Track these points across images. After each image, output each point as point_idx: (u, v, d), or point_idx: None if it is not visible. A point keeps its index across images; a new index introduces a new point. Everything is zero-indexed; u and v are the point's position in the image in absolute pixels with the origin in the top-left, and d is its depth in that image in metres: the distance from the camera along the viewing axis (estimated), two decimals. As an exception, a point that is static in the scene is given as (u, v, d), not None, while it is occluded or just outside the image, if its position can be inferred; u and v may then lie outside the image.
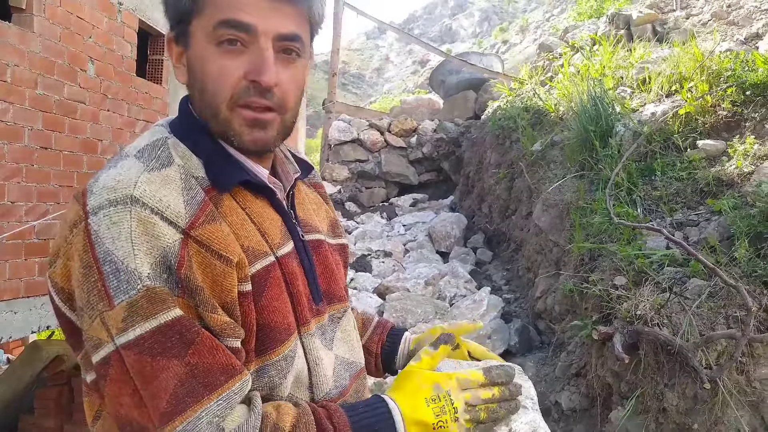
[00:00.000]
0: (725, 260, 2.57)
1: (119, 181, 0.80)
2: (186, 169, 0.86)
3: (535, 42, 14.87)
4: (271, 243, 0.91)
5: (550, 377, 3.18)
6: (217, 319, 0.80)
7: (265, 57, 0.85)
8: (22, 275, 3.85)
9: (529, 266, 4.31)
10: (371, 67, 32.36)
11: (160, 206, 0.79)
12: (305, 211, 1.05)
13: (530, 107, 5.55)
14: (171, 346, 0.76)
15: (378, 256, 5.15)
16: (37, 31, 3.85)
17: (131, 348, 0.76)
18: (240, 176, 0.89)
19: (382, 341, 1.24)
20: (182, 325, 0.77)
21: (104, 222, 0.77)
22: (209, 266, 0.80)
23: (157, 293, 0.76)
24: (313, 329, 0.95)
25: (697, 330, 2.37)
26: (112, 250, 0.76)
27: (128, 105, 4.85)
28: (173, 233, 0.78)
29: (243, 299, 0.83)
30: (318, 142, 8.51)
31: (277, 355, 0.88)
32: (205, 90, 0.87)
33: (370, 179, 7.26)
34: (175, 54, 0.91)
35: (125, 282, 0.76)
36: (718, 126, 3.52)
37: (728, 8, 5.25)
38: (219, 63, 0.85)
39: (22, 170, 3.79)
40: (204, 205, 0.83)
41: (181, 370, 0.76)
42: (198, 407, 0.76)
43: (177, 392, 0.75)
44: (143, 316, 0.76)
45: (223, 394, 0.78)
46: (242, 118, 0.87)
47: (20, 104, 3.72)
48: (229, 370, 0.79)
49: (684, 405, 2.35)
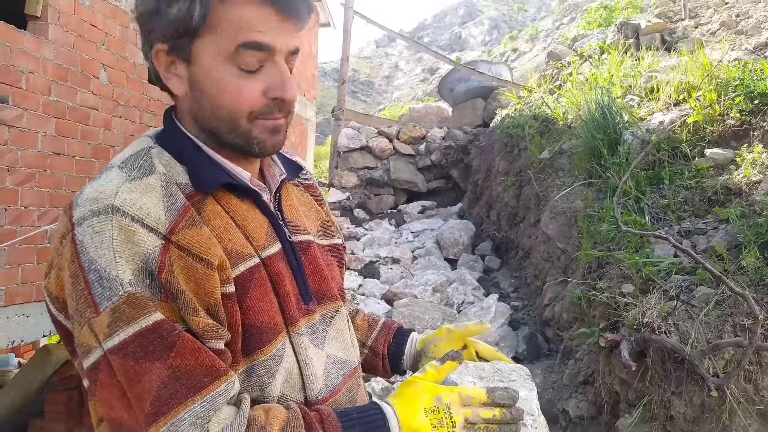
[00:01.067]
0: (732, 269, 2.57)
1: (101, 192, 0.83)
2: (168, 176, 0.89)
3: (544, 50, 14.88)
4: (255, 245, 0.93)
5: (558, 385, 3.18)
6: (199, 322, 0.81)
7: (286, 75, 0.90)
8: (34, 279, 3.89)
9: (537, 274, 4.32)
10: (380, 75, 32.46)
11: (140, 214, 0.81)
12: (293, 212, 1.07)
13: (539, 115, 5.56)
14: (153, 350, 0.78)
15: (386, 262, 5.17)
16: (52, 39, 3.92)
17: (116, 352, 0.78)
18: (221, 178, 0.92)
19: (388, 342, 1.25)
20: (163, 328, 0.79)
21: (88, 232, 0.80)
22: (191, 270, 0.82)
23: (138, 298, 0.79)
24: (302, 329, 0.96)
25: (705, 338, 2.37)
26: (95, 258, 0.79)
27: (140, 112, 4.90)
28: (154, 239, 0.81)
29: (227, 301, 0.85)
30: (327, 149, 8.55)
31: (264, 355, 0.89)
32: (221, 106, 0.89)
33: (379, 186, 7.28)
34: (165, 64, 0.92)
35: (108, 289, 0.78)
36: (726, 135, 3.52)
37: (737, 18, 5.25)
38: (238, 83, 0.88)
39: (36, 176, 3.84)
40: (184, 211, 0.86)
41: (164, 372, 0.78)
42: (181, 408, 0.77)
43: (160, 394, 0.77)
44: (125, 321, 0.78)
45: (207, 395, 0.79)
46: (263, 127, 0.91)
47: (34, 110, 3.78)
48: (213, 372, 0.80)
49: (691, 413, 2.35)
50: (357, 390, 1.07)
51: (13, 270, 3.71)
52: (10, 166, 3.62)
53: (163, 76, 0.92)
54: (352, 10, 7.90)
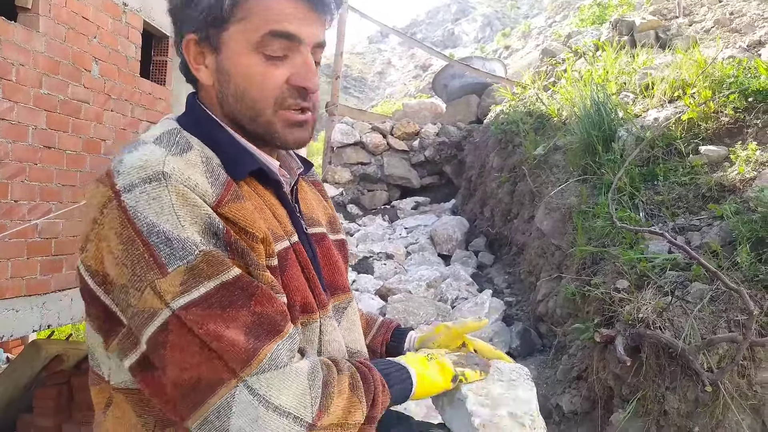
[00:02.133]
0: (727, 264, 2.57)
1: (147, 161, 0.82)
2: (205, 154, 0.90)
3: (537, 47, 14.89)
4: (284, 229, 0.95)
5: (552, 380, 3.18)
6: (267, 277, 0.85)
7: (310, 64, 0.92)
8: (24, 274, 3.85)
9: (531, 269, 4.32)
10: (373, 70, 32.41)
11: (189, 183, 0.82)
12: (307, 205, 1.09)
13: (533, 112, 5.56)
14: (236, 299, 0.80)
15: (380, 258, 5.16)
16: (43, 31, 3.87)
17: (197, 305, 0.79)
18: (253, 164, 0.93)
19: (386, 340, 1.25)
20: (243, 281, 0.82)
21: (142, 198, 0.79)
22: None
23: (215, 256, 0.80)
24: (330, 312, 1.00)
25: (699, 333, 2.37)
26: (156, 222, 0.79)
27: (132, 106, 4.86)
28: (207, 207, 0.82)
29: (272, 273, 0.88)
30: (320, 144, 8.52)
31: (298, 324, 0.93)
32: (247, 95, 0.91)
33: (373, 182, 7.27)
34: (194, 54, 0.93)
35: (180, 249, 0.79)
36: (721, 132, 3.53)
37: (731, 16, 5.26)
38: (264, 70, 0.90)
39: (26, 169, 3.80)
40: (228, 185, 0.87)
41: (249, 318, 0.80)
42: (274, 342, 0.81)
43: (253, 332, 0.80)
44: (206, 277, 0.79)
45: (287, 334, 0.83)
46: (285, 120, 0.93)
47: (25, 103, 3.74)
48: (286, 317, 0.85)
49: (685, 408, 2.35)
50: None
51: (2, 264, 3.67)
52: (0, 160, 3.58)
53: (192, 66, 0.94)
54: (347, 5, 7.86)
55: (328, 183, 7.04)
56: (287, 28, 0.89)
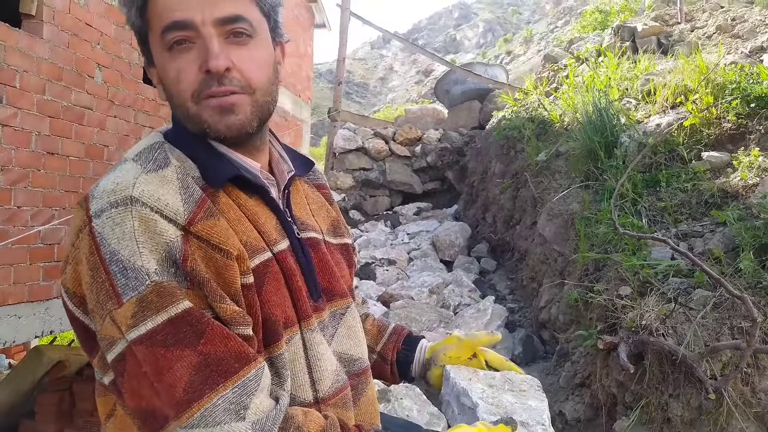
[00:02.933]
0: (730, 271, 2.57)
1: (118, 184, 0.83)
2: (183, 169, 0.89)
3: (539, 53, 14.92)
4: (267, 239, 0.93)
5: (554, 387, 3.17)
6: (227, 309, 0.82)
7: (209, 45, 0.87)
8: (27, 280, 3.86)
9: (534, 276, 4.31)
10: (375, 76, 32.46)
11: (158, 205, 0.81)
12: (302, 209, 1.07)
13: (535, 117, 5.56)
14: (183, 337, 0.78)
15: (382, 264, 5.15)
16: (46, 38, 3.88)
17: (144, 341, 0.78)
18: (231, 171, 0.92)
19: (397, 348, 1.23)
20: (193, 316, 0.79)
21: (107, 224, 0.80)
22: (211, 260, 0.82)
23: (165, 287, 0.79)
24: (314, 324, 0.96)
25: (702, 340, 2.37)
26: (117, 249, 0.79)
27: (135, 112, 4.87)
28: (174, 230, 0.81)
29: (247, 291, 0.86)
30: (322, 150, 8.53)
31: (280, 348, 0.89)
32: (171, 94, 0.91)
33: (375, 188, 7.27)
34: (154, 76, 0.95)
35: (133, 279, 0.78)
36: (723, 138, 3.53)
37: (733, 21, 5.27)
38: (174, 65, 0.89)
39: (29, 175, 3.81)
40: (202, 202, 0.86)
41: (195, 359, 0.78)
42: (214, 394, 0.77)
43: (192, 380, 0.77)
44: (154, 310, 0.78)
45: (239, 381, 0.79)
46: (209, 107, 0.89)
47: (28, 110, 3.75)
48: (243, 358, 0.81)
49: (689, 415, 2.34)
50: (365, 388, 1.06)
51: (5, 270, 3.68)
52: (4, 166, 3.59)
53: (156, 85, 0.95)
54: (349, 11, 7.89)
55: (330, 189, 7.04)
56: (177, 16, 0.86)
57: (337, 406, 0.96)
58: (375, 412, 1.07)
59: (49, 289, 4.00)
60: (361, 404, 1.04)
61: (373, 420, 1.05)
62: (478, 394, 1.04)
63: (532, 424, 0.99)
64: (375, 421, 1.06)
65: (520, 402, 1.05)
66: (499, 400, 1.04)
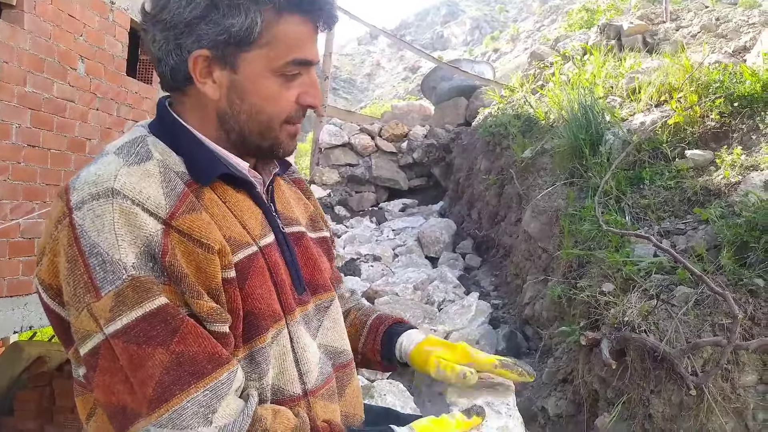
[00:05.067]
0: (712, 268, 2.59)
1: (100, 176, 0.82)
2: (165, 164, 0.88)
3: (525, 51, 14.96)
4: (252, 234, 0.94)
5: (537, 383, 3.18)
6: (203, 305, 0.81)
7: (317, 84, 0.97)
8: (6, 274, 3.80)
9: (518, 272, 4.33)
10: (362, 72, 32.42)
11: (140, 197, 0.81)
12: (284, 204, 1.08)
13: (521, 114, 5.57)
14: (156, 335, 0.78)
15: (367, 260, 5.14)
16: (28, 28, 3.82)
17: (119, 336, 0.77)
18: (220, 169, 0.93)
19: (377, 349, 1.19)
20: (167, 312, 0.79)
21: (88, 216, 0.79)
22: (192, 254, 0.82)
23: (142, 282, 0.78)
24: (297, 317, 0.97)
25: (684, 337, 2.39)
26: (97, 242, 0.78)
27: (118, 105, 4.82)
28: (155, 223, 0.81)
29: (228, 285, 0.86)
30: (308, 146, 8.50)
31: (263, 342, 0.89)
32: (263, 113, 0.93)
33: (360, 183, 7.25)
34: (201, 69, 0.91)
35: (111, 272, 0.78)
36: (706, 136, 3.56)
37: (717, 21, 5.31)
38: (280, 91, 0.93)
39: (9, 168, 3.75)
40: (184, 196, 0.86)
41: (167, 358, 0.77)
42: (184, 396, 0.77)
43: (163, 380, 0.77)
44: (129, 305, 0.77)
45: (210, 383, 0.79)
46: (287, 133, 0.97)
47: (8, 101, 3.69)
48: (216, 359, 0.80)
49: (670, 411, 2.36)
50: (349, 380, 1.07)
51: (-16, 264, 3.62)
52: (-17, 158, 3.54)
53: (198, 80, 0.91)
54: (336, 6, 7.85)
55: (316, 184, 7.02)
56: (307, 56, 0.93)
57: (324, 398, 0.97)
58: (359, 403, 1.09)
59: (29, 284, 3.95)
60: (347, 395, 1.05)
61: (357, 410, 1.07)
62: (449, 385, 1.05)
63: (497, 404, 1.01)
64: (359, 411, 1.08)
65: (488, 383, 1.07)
66: None
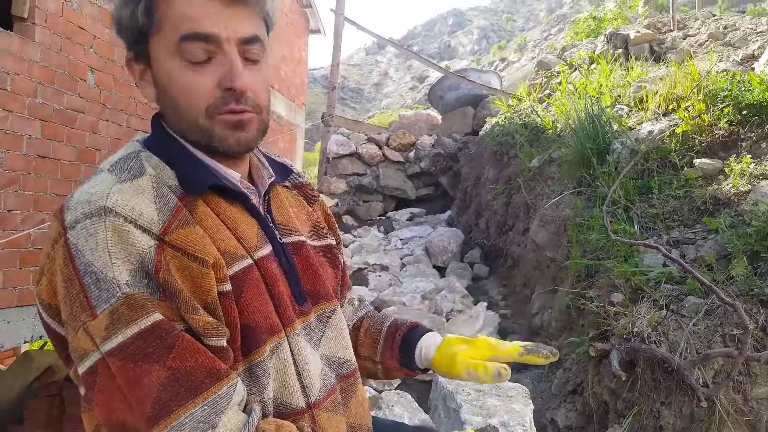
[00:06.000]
0: (722, 278, 2.57)
1: (92, 194, 0.82)
2: (159, 178, 0.88)
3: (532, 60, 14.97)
4: (247, 246, 0.92)
5: (547, 394, 3.16)
6: (199, 320, 0.81)
7: (235, 64, 0.88)
8: (16, 284, 3.83)
9: (526, 282, 4.31)
10: (370, 82, 32.52)
11: (132, 214, 0.81)
12: (283, 214, 1.06)
13: (528, 124, 5.57)
14: (152, 351, 0.77)
15: (375, 269, 5.14)
16: (39, 41, 3.87)
17: (115, 355, 0.77)
18: (210, 180, 0.91)
19: (396, 357, 1.18)
20: (162, 329, 0.78)
21: (82, 234, 0.79)
22: (186, 269, 0.82)
23: (136, 299, 0.78)
24: (298, 329, 0.95)
25: (694, 348, 2.36)
26: (91, 261, 0.78)
27: (127, 116, 4.86)
28: (148, 240, 0.80)
29: (224, 299, 0.85)
30: (316, 155, 8.53)
31: (261, 356, 0.88)
32: (178, 105, 0.89)
33: (368, 193, 7.26)
34: (137, 72, 0.93)
35: (105, 291, 0.78)
36: (715, 145, 3.54)
37: (725, 29, 5.30)
38: (188, 77, 0.87)
39: (20, 179, 3.79)
40: (177, 211, 0.85)
41: (164, 374, 0.77)
42: (182, 411, 0.76)
43: (160, 396, 0.76)
44: (124, 323, 0.77)
45: (209, 398, 0.78)
46: (223, 123, 0.89)
47: (19, 113, 3.73)
48: (214, 374, 0.80)
49: (680, 423, 2.34)
50: (353, 390, 1.05)
51: (-6, 274, 3.65)
52: (-6, 169, 3.57)
53: (137, 84, 0.93)
54: (343, 17, 7.90)
55: (324, 193, 7.03)
56: (199, 29, 0.85)
57: (328, 410, 0.95)
58: (366, 414, 1.06)
59: (39, 294, 3.97)
60: (352, 406, 1.03)
61: (364, 422, 1.04)
62: (463, 397, 1.04)
63: (512, 425, 1.00)
64: (366, 422, 1.05)
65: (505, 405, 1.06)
66: (483, 403, 1.04)
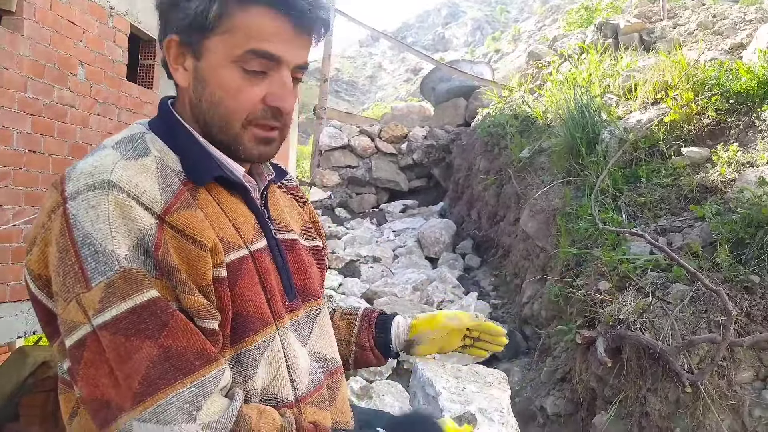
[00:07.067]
0: (707, 265, 2.59)
1: (96, 167, 0.82)
2: (162, 160, 0.89)
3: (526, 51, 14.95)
4: (244, 237, 0.94)
5: (536, 382, 3.19)
6: (194, 301, 0.81)
7: (288, 86, 0.92)
8: (9, 279, 3.83)
9: (516, 272, 4.33)
10: (364, 74, 32.42)
11: (136, 191, 0.81)
12: (278, 211, 1.08)
13: (519, 114, 5.59)
14: (145, 327, 0.78)
15: (367, 261, 5.16)
16: (27, 34, 3.85)
17: (108, 328, 0.77)
18: (216, 171, 0.93)
19: (371, 334, 1.25)
20: (157, 306, 0.79)
21: (83, 206, 0.79)
22: (184, 250, 0.82)
23: (134, 274, 0.78)
24: (287, 323, 0.97)
25: (679, 334, 2.39)
26: (90, 232, 0.78)
27: (118, 110, 4.84)
28: (149, 217, 0.81)
29: (218, 284, 0.86)
30: (309, 148, 8.53)
31: (249, 345, 0.89)
32: (221, 105, 0.91)
33: (361, 185, 7.27)
34: (175, 55, 0.94)
35: (103, 263, 0.78)
36: (703, 133, 3.56)
37: (714, 18, 5.31)
38: (240, 85, 0.90)
39: (10, 173, 3.78)
40: (179, 193, 0.86)
41: (154, 351, 0.77)
42: (169, 391, 0.77)
43: (149, 373, 0.77)
44: (120, 297, 0.77)
45: (197, 380, 0.79)
46: (253, 135, 0.93)
47: (9, 107, 3.72)
48: (204, 356, 0.80)
49: (666, 409, 2.37)
50: (339, 387, 1.07)
51: (-14, 269, 3.65)
52: (-17, 164, 3.56)
53: (171, 66, 0.94)
54: (334, 8, 7.88)
55: (317, 186, 7.04)
56: (268, 48, 0.89)
57: (314, 405, 0.97)
58: (348, 410, 1.09)
59: (31, 289, 3.97)
60: (337, 402, 1.06)
61: (346, 417, 1.07)
62: (442, 384, 1.06)
63: (490, 411, 1.01)
64: (348, 417, 1.08)
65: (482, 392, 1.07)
66: (461, 390, 1.06)
